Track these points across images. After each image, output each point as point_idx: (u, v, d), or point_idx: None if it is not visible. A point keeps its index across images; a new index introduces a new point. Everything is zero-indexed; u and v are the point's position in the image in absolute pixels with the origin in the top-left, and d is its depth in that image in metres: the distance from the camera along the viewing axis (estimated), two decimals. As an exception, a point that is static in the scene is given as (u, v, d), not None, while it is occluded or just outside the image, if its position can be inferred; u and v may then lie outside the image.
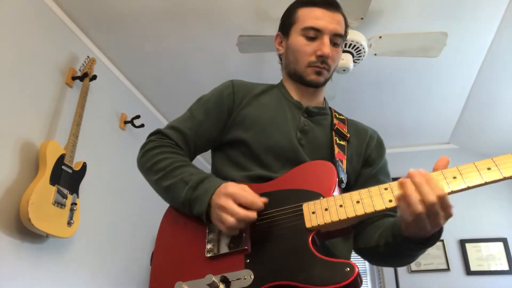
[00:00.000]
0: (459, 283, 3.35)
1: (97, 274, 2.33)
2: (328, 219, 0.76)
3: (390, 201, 0.73)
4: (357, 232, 0.99)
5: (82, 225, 2.13)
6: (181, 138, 1.01)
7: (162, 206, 0.96)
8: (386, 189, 0.75)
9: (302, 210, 0.79)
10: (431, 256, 3.47)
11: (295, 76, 1.06)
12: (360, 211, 0.75)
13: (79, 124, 2.17)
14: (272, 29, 2.40)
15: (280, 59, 1.14)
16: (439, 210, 0.68)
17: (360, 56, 2.24)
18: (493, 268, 3.34)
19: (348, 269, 0.68)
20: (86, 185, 2.21)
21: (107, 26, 2.46)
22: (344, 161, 0.97)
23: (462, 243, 3.47)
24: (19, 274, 1.80)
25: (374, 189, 0.76)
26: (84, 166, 2.18)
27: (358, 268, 0.68)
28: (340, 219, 0.75)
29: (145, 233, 2.97)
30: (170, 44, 2.63)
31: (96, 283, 2.31)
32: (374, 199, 0.75)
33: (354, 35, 2.16)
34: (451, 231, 3.54)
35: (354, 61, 2.25)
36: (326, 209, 0.77)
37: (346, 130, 1.06)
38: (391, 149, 4.06)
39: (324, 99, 1.16)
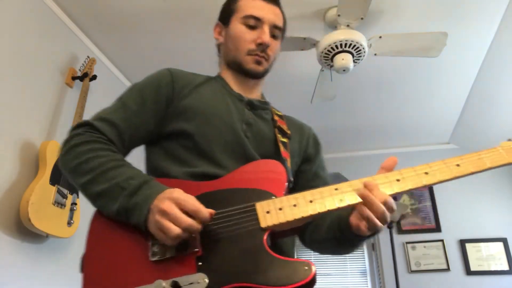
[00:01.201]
0: (459, 283, 3.35)
1: (97, 274, 2.33)
2: (283, 219, 0.76)
3: (341, 200, 0.77)
4: (304, 226, 0.99)
5: (82, 225, 2.13)
6: (114, 131, 0.89)
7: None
8: (336, 189, 0.78)
9: (255, 209, 0.77)
10: (431, 256, 3.48)
11: (234, 64, 1.03)
12: (313, 210, 0.76)
13: (79, 124, 2.17)
14: (272, 29, 2.40)
15: (219, 50, 1.11)
16: (385, 211, 0.75)
17: (360, 56, 2.24)
18: (493, 268, 3.34)
19: (306, 268, 0.69)
20: (86, 185, 2.21)
21: (107, 26, 2.46)
22: (289, 160, 0.97)
23: (462, 243, 3.47)
24: (19, 274, 1.80)
25: (325, 189, 0.79)
26: (84, 166, 2.18)
27: (315, 266, 0.69)
28: (295, 219, 0.76)
29: (145, 233, 2.97)
30: (170, 44, 2.63)
31: (96, 283, 2.31)
32: (326, 199, 0.77)
33: (354, 35, 2.16)
34: (451, 231, 3.55)
35: (354, 61, 2.25)
36: (280, 209, 0.77)
37: (286, 127, 1.05)
38: (391, 149, 4.06)
39: (262, 93, 1.12)
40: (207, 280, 0.70)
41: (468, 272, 3.36)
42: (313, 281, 0.68)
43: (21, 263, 1.81)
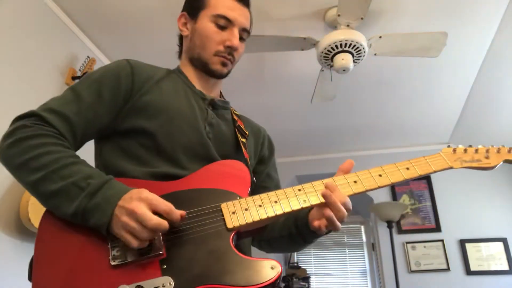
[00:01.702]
0: (459, 283, 3.35)
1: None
2: (249, 219, 0.77)
3: (305, 201, 0.80)
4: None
5: (82, 225, 2.13)
6: (66, 125, 0.81)
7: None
8: (300, 190, 0.81)
9: (221, 210, 0.77)
10: (431, 256, 3.48)
11: (198, 62, 1.00)
12: (278, 210, 0.79)
13: (79, 124, 2.17)
14: (272, 29, 2.40)
15: (180, 41, 1.08)
16: (345, 211, 0.78)
17: (360, 56, 2.24)
18: (493, 268, 3.34)
19: (273, 267, 0.70)
20: (86, 185, 2.21)
21: (107, 26, 2.46)
22: (248, 160, 0.98)
23: (462, 243, 3.47)
24: (19, 274, 1.79)
25: (289, 190, 0.82)
26: (84, 166, 2.19)
27: (281, 266, 0.71)
28: (260, 219, 0.77)
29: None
30: (170, 44, 2.62)
31: (96, 283, 2.32)
32: (290, 199, 0.80)
33: (354, 35, 2.16)
34: (451, 231, 3.55)
35: (354, 61, 2.25)
36: (246, 209, 0.78)
37: (244, 127, 1.05)
38: (391, 149, 4.06)
39: (221, 92, 1.11)
40: (172, 283, 0.68)
41: (468, 272, 3.36)
42: (279, 279, 0.70)
43: (21, 263, 1.81)
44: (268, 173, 1.08)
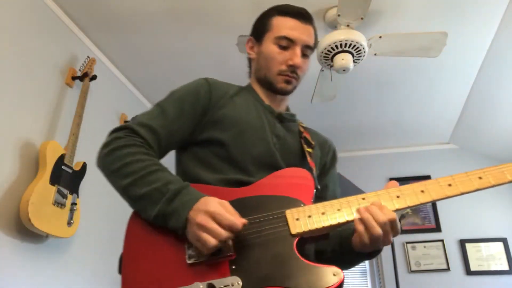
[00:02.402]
0: (459, 283, 3.35)
1: (97, 274, 2.33)
2: (312, 226, 0.78)
3: None
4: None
5: (82, 225, 2.13)
6: (153, 137, 0.93)
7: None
8: (363, 198, 0.81)
9: (285, 216, 0.80)
10: (431, 256, 3.47)
11: (264, 82, 1.08)
12: (341, 218, 0.79)
13: (79, 124, 2.17)
14: (272, 29, 2.40)
15: (249, 63, 1.16)
16: (389, 230, 0.78)
17: (360, 56, 2.24)
18: (493, 268, 3.34)
19: (335, 274, 0.71)
20: (86, 185, 2.21)
21: (107, 26, 2.46)
22: (314, 169, 1.01)
23: (462, 243, 3.47)
24: (19, 274, 1.80)
25: (352, 199, 0.82)
26: (84, 166, 2.18)
27: (343, 273, 0.72)
28: (323, 226, 0.79)
29: (145, 233, 2.97)
30: (170, 44, 2.63)
31: (96, 283, 2.31)
32: (353, 208, 0.80)
33: (354, 35, 2.16)
34: (451, 231, 3.55)
35: (354, 61, 2.25)
36: (309, 216, 0.80)
37: (310, 138, 1.10)
38: (391, 149, 4.06)
39: (288, 106, 1.18)
40: (240, 283, 0.73)
41: (468, 272, 3.36)
42: (341, 286, 0.71)
43: (21, 263, 1.81)
44: (327, 184, 1.11)
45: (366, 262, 3.88)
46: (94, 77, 2.38)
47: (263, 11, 1.13)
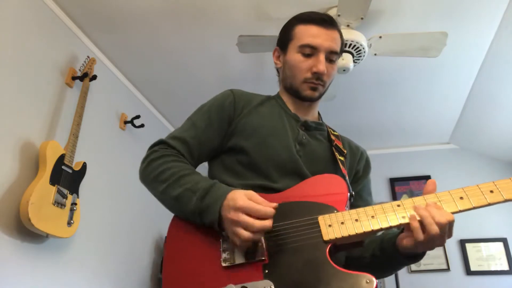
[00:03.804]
0: (459, 283, 3.35)
1: (97, 274, 2.33)
2: (345, 233, 0.78)
3: (403, 217, 0.78)
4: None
5: (82, 225, 2.13)
6: (185, 147, 1.00)
7: (162, 206, 0.96)
8: (399, 205, 0.80)
9: (318, 222, 0.81)
10: (431, 256, 3.48)
11: (291, 90, 1.09)
12: (375, 225, 0.78)
13: (79, 124, 2.17)
14: (272, 29, 2.40)
15: (278, 72, 1.18)
16: (446, 231, 0.77)
17: (360, 56, 2.24)
18: (493, 268, 3.34)
19: (367, 281, 0.71)
20: (86, 185, 2.21)
21: (107, 26, 2.46)
22: (347, 177, 1.01)
23: (462, 243, 3.47)
24: (19, 274, 1.80)
25: (387, 205, 0.80)
26: (84, 166, 2.18)
27: (376, 280, 0.71)
28: (356, 233, 0.78)
29: (145, 233, 2.97)
30: (170, 44, 2.63)
31: (96, 283, 2.31)
32: (388, 214, 0.79)
33: (354, 35, 2.16)
34: (451, 231, 3.54)
35: (354, 61, 2.25)
36: (342, 223, 0.79)
37: (342, 146, 1.11)
38: (391, 149, 4.06)
39: (319, 113, 1.19)
40: (273, 287, 0.75)
41: (468, 272, 3.37)
42: None
43: (21, 263, 1.81)
44: (359, 193, 1.10)
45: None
46: (94, 77, 2.38)
47: (287, 21, 1.14)
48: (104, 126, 2.67)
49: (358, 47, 2.18)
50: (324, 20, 1.06)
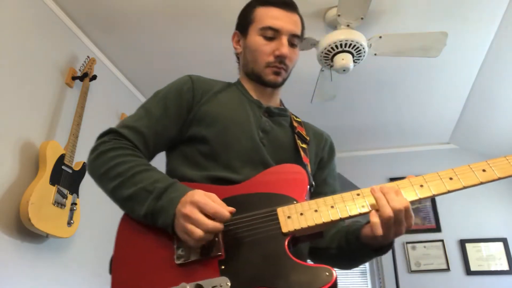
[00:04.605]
0: (459, 283, 3.35)
1: (97, 274, 2.33)
2: (304, 224, 0.75)
3: (363, 206, 0.76)
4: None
5: (82, 225, 2.13)
6: (139, 138, 0.92)
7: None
8: (358, 194, 0.78)
9: (276, 214, 0.78)
10: (431, 256, 3.47)
11: (253, 75, 1.04)
12: (335, 216, 0.76)
13: (79, 124, 2.17)
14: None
15: (238, 58, 1.13)
16: (403, 219, 0.74)
17: (360, 56, 2.24)
18: (493, 268, 3.34)
19: (327, 273, 0.69)
20: (86, 185, 2.21)
21: (107, 26, 2.46)
22: (309, 165, 0.98)
23: (462, 243, 3.47)
24: (19, 274, 1.80)
25: (346, 195, 0.78)
26: (84, 166, 2.18)
27: (336, 272, 0.69)
28: (316, 224, 0.75)
29: (145, 233, 2.97)
30: (170, 44, 2.63)
31: (96, 283, 2.31)
32: (348, 204, 0.77)
33: (354, 35, 2.16)
34: (451, 231, 3.55)
35: (354, 61, 2.24)
36: (301, 214, 0.77)
37: (305, 133, 1.06)
38: (391, 149, 4.06)
39: (281, 100, 1.13)
40: (229, 284, 0.71)
41: (468, 272, 3.36)
42: (334, 286, 0.68)
43: (21, 263, 1.81)
44: (325, 178, 1.07)
45: (366, 262, 3.87)
46: (94, 77, 2.38)
47: (246, 4, 1.09)
48: (104, 126, 2.64)
49: (358, 47, 2.18)
50: (285, 3, 1.02)
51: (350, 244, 0.88)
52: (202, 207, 0.73)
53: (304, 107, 3.19)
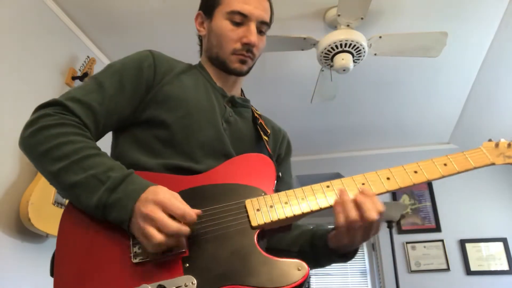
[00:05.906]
0: (459, 283, 3.35)
1: (97, 274, 2.33)
2: (274, 217, 0.72)
3: (334, 198, 0.75)
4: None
5: (82, 225, 2.13)
6: (90, 115, 0.79)
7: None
8: (328, 186, 0.76)
9: (245, 207, 0.73)
10: (431, 256, 3.47)
11: (217, 61, 0.96)
12: (305, 208, 0.73)
13: (79, 124, 2.17)
14: (272, 29, 2.40)
15: (200, 40, 1.06)
16: (373, 225, 0.72)
17: (360, 56, 2.24)
18: (493, 268, 3.34)
19: (299, 268, 0.66)
20: (86, 185, 2.22)
21: (107, 26, 2.46)
22: (273, 157, 0.95)
23: (462, 243, 3.47)
24: (19, 274, 1.80)
25: (316, 187, 0.76)
26: (84, 166, 2.18)
27: (308, 266, 0.67)
28: (286, 217, 0.73)
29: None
30: (170, 44, 2.63)
31: (96, 283, 2.32)
32: (318, 196, 0.75)
33: (354, 35, 2.16)
34: (451, 231, 3.55)
35: (354, 61, 2.25)
36: (271, 206, 0.73)
37: (265, 126, 1.03)
38: (391, 149, 4.06)
39: (242, 90, 1.07)
40: (195, 283, 0.65)
41: (468, 272, 3.36)
42: (306, 281, 0.66)
43: (21, 263, 1.81)
44: (282, 176, 1.02)
45: (366, 262, 3.88)
46: (94, 77, 2.38)
47: None
48: (104, 126, 2.67)
49: (358, 47, 2.18)
50: None
51: (316, 248, 0.85)
52: (169, 208, 0.66)
53: (304, 107, 3.20)
